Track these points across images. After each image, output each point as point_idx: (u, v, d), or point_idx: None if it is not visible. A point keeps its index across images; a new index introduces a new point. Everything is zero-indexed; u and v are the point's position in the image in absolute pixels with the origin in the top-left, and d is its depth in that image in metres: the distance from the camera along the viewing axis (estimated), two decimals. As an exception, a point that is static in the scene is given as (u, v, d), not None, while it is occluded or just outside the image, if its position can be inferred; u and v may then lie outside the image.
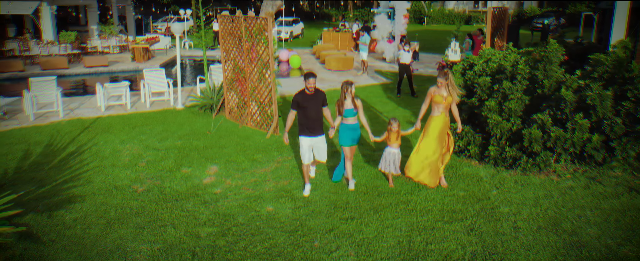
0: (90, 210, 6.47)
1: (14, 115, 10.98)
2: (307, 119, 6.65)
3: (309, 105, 6.63)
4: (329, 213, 6.27)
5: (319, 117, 6.74)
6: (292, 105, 6.73)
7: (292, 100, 6.71)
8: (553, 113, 7.25)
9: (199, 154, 8.50)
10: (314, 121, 6.68)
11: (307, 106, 6.63)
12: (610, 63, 7.17)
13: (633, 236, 5.54)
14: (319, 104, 6.69)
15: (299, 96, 6.65)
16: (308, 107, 6.63)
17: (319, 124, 6.76)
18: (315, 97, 6.66)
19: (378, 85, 15.00)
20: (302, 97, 6.63)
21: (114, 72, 18.42)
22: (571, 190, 6.73)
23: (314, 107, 6.66)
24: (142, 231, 5.89)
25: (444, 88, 6.83)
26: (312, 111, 6.63)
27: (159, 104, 12.11)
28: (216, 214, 6.33)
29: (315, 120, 6.69)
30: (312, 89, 6.62)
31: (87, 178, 7.51)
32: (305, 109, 6.64)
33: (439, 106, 6.90)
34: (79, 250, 5.50)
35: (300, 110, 6.67)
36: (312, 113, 6.63)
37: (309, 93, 6.64)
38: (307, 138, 6.73)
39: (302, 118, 6.70)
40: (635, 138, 6.66)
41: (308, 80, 6.57)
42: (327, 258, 5.27)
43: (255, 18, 9.45)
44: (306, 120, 6.67)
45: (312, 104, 6.65)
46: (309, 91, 6.63)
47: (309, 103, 6.63)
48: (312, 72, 6.70)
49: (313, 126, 6.69)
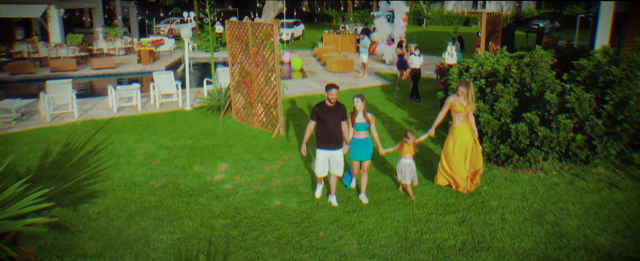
0: (112, 204, 7.01)
1: (31, 116, 11.52)
2: (326, 132, 6.51)
3: (329, 117, 6.47)
4: (332, 207, 6.81)
5: (338, 131, 6.57)
6: (312, 116, 6.59)
7: (312, 111, 6.59)
8: (540, 114, 7.80)
9: (209, 153, 9.04)
10: (332, 134, 6.52)
11: (326, 119, 6.47)
12: (591, 68, 7.72)
13: (609, 226, 6.09)
14: (338, 117, 6.52)
15: (319, 107, 6.53)
16: (327, 120, 6.48)
17: (338, 137, 6.59)
18: (335, 109, 6.49)
19: (378, 86, 15.54)
20: (322, 109, 6.50)
21: (121, 74, 18.96)
22: (556, 186, 7.28)
23: (333, 120, 6.48)
24: (162, 223, 6.43)
25: (464, 97, 6.88)
26: (331, 124, 6.47)
27: (168, 106, 12.66)
28: (228, 207, 6.87)
29: (334, 133, 6.52)
30: (333, 101, 6.45)
31: (106, 175, 8.05)
32: (325, 121, 6.48)
33: (459, 115, 6.96)
34: (105, 240, 6.04)
35: (319, 122, 6.53)
36: (330, 126, 6.48)
37: (329, 105, 6.49)
38: (324, 150, 6.60)
39: (320, 130, 6.56)
40: (615, 137, 7.21)
41: (330, 91, 6.42)
42: (332, 246, 5.81)
43: (262, 24, 9.98)
44: (324, 133, 6.53)
45: (332, 117, 6.48)
46: (330, 103, 6.47)
47: (328, 115, 6.47)
48: (334, 83, 6.55)
49: (331, 139, 6.54)
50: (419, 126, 10.66)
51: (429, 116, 11.43)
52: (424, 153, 8.80)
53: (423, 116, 11.55)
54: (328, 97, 6.45)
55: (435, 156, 8.63)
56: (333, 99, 6.43)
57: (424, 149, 9.00)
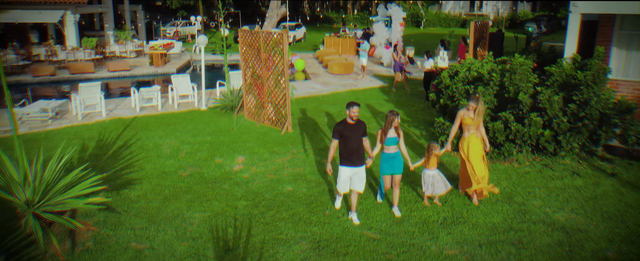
0: (148, 189, 8.24)
1: (63, 115, 12.75)
2: (349, 149, 6.60)
3: (351, 135, 6.56)
4: (336, 191, 8.04)
5: (361, 148, 6.69)
6: (334, 135, 6.66)
7: (334, 130, 6.68)
8: (515, 113, 9.03)
9: (227, 147, 10.28)
10: (355, 152, 6.62)
11: (349, 136, 6.57)
12: (558, 74, 8.95)
13: (566, 206, 7.33)
14: (360, 133, 6.63)
15: (341, 126, 6.61)
16: (350, 138, 6.57)
17: (361, 153, 6.71)
18: (357, 127, 6.60)
19: (376, 88, 16.77)
20: (345, 127, 6.58)
21: (135, 75, 20.19)
22: (527, 174, 8.53)
23: (355, 138, 6.58)
24: (193, 204, 7.66)
25: (473, 111, 7.30)
26: (353, 142, 6.56)
27: (185, 106, 13.89)
28: (248, 192, 8.10)
29: (357, 150, 6.63)
30: (355, 118, 6.57)
31: (140, 166, 9.28)
32: (347, 139, 6.57)
33: (469, 128, 7.39)
34: (147, 217, 7.27)
35: (342, 140, 6.61)
36: (353, 144, 6.57)
37: (351, 123, 6.59)
38: (348, 168, 6.68)
39: (343, 148, 6.64)
40: (577, 132, 8.44)
41: (351, 109, 6.50)
42: (336, 221, 7.04)
43: (273, 33, 11.22)
44: (347, 151, 6.61)
45: (354, 134, 6.58)
46: (352, 121, 6.57)
47: (351, 133, 6.56)
48: (356, 101, 6.66)
49: (355, 156, 6.64)
50: (412, 124, 11.90)
51: (423, 116, 12.66)
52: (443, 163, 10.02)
53: (417, 115, 12.78)
54: (350, 115, 6.54)
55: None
56: (355, 116, 6.52)
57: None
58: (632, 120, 8.44)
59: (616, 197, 7.57)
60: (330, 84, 17.42)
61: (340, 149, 6.73)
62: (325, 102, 14.33)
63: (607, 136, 8.50)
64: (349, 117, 6.60)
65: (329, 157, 6.80)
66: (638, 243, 6.28)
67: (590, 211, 7.17)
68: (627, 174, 8.38)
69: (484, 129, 7.61)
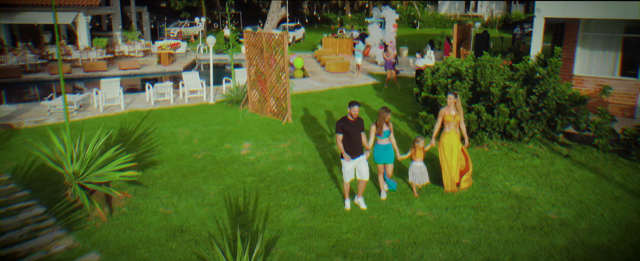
0: (169, 169, 9.61)
1: (85, 108, 14.11)
2: (351, 142, 7.42)
3: (353, 130, 7.41)
4: (330, 170, 9.42)
5: (360, 141, 7.57)
6: (338, 130, 7.45)
7: (337, 126, 7.48)
8: (486, 104, 10.41)
9: (235, 135, 11.65)
10: (356, 145, 7.45)
11: (351, 131, 7.40)
12: (522, 69, 10.33)
13: (523, 180, 8.71)
14: (360, 129, 7.50)
15: (343, 122, 7.43)
16: (352, 132, 7.41)
17: (361, 146, 7.58)
18: (357, 123, 7.47)
19: (370, 84, 18.14)
20: (347, 123, 7.41)
21: (145, 73, 21.56)
22: (494, 156, 9.91)
23: (356, 132, 7.45)
24: (208, 180, 9.03)
25: (453, 107, 8.10)
26: (354, 136, 7.44)
27: (195, 100, 15.25)
28: (254, 170, 9.48)
29: (358, 143, 7.51)
30: (355, 116, 7.39)
31: (159, 150, 10.65)
32: (350, 134, 7.40)
33: (450, 124, 8.13)
34: (170, 190, 8.65)
35: (345, 135, 7.43)
36: (355, 138, 7.44)
37: (351, 120, 7.42)
38: (352, 160, 7.50)
39: (346, 142, 7.44)
40: (537, 120, 9.82)
41: (353, 108, 7.35)
42: (329, 192, 8.42)
43: (274, 34, 12.59)
44: (350, 144, 7.43)
45: (355, 129, 7.44)
46: (352, 118, 7.40)
47: (352, 128, 7.41)
48: (357, 101, 7.53)
49: (356, 149, 7.46)
50: (402, 117, 13.28)
51: (410, 109, 14.02)
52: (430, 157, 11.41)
53: (405, 108, 14.15)
54: (350, 113, 7.38)
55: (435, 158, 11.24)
56: (355, 114, 7.36)
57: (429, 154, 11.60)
58: (585, 109, 9.83)
59: (566, 173, 8.96)
60: (327, 81, 18.79)
61: (343, 142, 7.50)
62: (322, 98, 15.70)
63: (563, 123, 9.88)
64: (350, 114, 7.39)
65: (340, 150, 7.53)
66: (575, 207, 7.66)
67: (542, 184, 8.56)
68: (580, 156, 9.77)
69: (464, 126, 8.39)
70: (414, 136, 10.52)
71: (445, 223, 7.30)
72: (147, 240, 7.05)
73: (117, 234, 7.22)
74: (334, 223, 7.37)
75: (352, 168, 7.53)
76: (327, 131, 11.95)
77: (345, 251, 6.59)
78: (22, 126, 12.37)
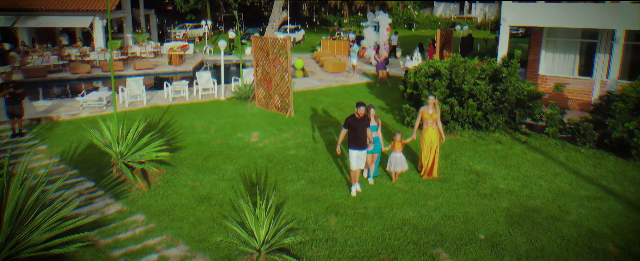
0: (191, 153, 11.50)
1: (110, 103, 16.00)
2: (356, 137, 8.69)
3: (358, 126, 8.67)
4: (327, 153, 11.32)
5: (365, 136, 8.77)
6: (345, 125, 8.77)
7: (345, 121, 8.79)
8: (459, 98, 12.30)
9: (245, 126, 13.54)
10: (361, 139, 8.72)
11: (356, 127, 8.66)
12: (489, 69, 12.23)
13: (484, 160, 10.61)
14: (365, 126, 8.74)
15: (351, 119, 8.74)
16: (357, 128, 8.66)
17: (365, 140, 8.80)
18: (362, 121, 8.71)
19: (363, 83, 20.04)
20: (353, 120, 8.71)
21: (159, 73, 23.45)
22: (464, 142, 11.81)
23: (361, 128, 8.70)
24: (226, 161, 10.93)
25: (432, 106, 9.44)
26: (360, 131, 8.69)
27: (207, 97, 17.15)
28: (263, 154, 11.37)
29: (362, 138, 8.72)
30: (361, 114, 8.66)
31: (181, 138, 12.54)
32: (355, 129, 8.66)
33: (427, 121, 9.46)
34: (195, 168, 10.53)
35: (351, 130, 8.68)
36: (360, 133, 8.69)
37: (358, 117, 8.71)
38: (355, 150, 8.75)
39: (352, 136, 8.72)
40: (499, 112, 11.73)
41: (359, 108, 8.63)
42: (325, 170, 10.31)
43: (279, 39, 14.47)
44: (355, 137, 8.71)
45: (360, 126, 8.69)
46: (359, 115, 8.69)
47: (358, 125, 8.67)
48: (363, 102, 8.74)
49: (361, 141, 8.71)
50: (390, 111, 15.18)
51: (398, 104, 15.90)
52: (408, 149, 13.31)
53: (394, 104, 16.04)
54: (357, 112, 8.63)
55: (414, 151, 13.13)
56: (361, 113, 8.63)
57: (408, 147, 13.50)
58: (539, 103, 11.73)
59: (521, 156, 10.87)
60: (325, 80, 20.69)
61: (349, 136, 8.74)
62: (320, 95, 17.60)
63: (521, 115, 11.79)
64: (357, 113, 8.70)
65: (338, 141, 9.01)
66: (522, 180, 9.57)
67: (499, 163, 10.46)
68: (535, 142, 11.67)
69: (441, 124, 9.69)
70: (399, 129, 12.37)
71: (416, 192, 9.20)
72: (180, 204, 8.94)
73: (156, 201, 9.12)
74: (328, 192, 9.28)
75: (357, 157, 8.75)
76: (324, 123, 13.84)
77: (337, 211, 8.49)
78: (60, 118, 14.26)
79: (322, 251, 7.24)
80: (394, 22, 55.41)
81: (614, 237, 7.46)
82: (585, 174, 9.80)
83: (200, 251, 7.40)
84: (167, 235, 7.90)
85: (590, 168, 10.10)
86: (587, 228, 7.72)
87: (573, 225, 7.83)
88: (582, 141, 11.02)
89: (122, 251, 7.46)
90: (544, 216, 8.16)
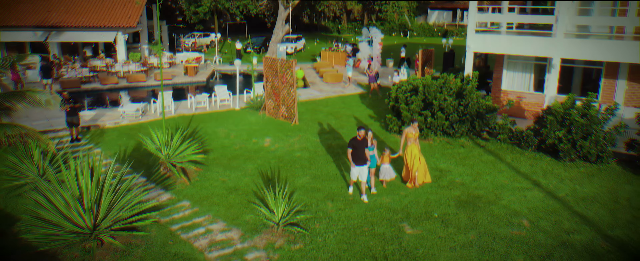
0: (217, 155, 14.50)
1: (145, 113, 19.00)
2: (357, 155, 10.95)
3: (359, 146, 10.93)
4: (326, 155, 14.32)
5: (363, 154, 11.01)
6: (349, 145, 11.07)
7: (349, 142, 11.08)
8: (431, 110, 15.30)
9: (258, 133, 16.53)
10: (361, 156, 10.96)
11: (357, 147, 10.90)
12: (454, 87, 15.22)
13: (448, 161, 13.63)
14: (364, 146, 11.00)
15: (354, 141, 11.01)
16: (358, 148, 10.89)
17: (363, 158, 11.01)
18: (362, 141, 10.97)
19: (358, 94, 23.07)
20: (356, 141, 10.97)
21: (177, 83, 26.44)
22: (435, 146, 14.82)
23: (361, 148, 10.94)
24: (246, 161, 13.94)
25: (414, 129, 11.98)
26: (360, 150, 10.95)
27: (224, 107, 20.15)
28: (275, 156, 14.37)
29: (361, 156, 10.96)
30: (362, 136, 10.89)
31: (208, 142, 15.53)
32: (356, 148, 10.90)
33: (410, 140, 11.95)
34: (222, 167, 13.54)
35: (354, 149, 10.95)
36: (360, 152, 10.96)
37: (359, 139, 10.93)
38: (357, 167, 11.06)
39: (354, 154, 10.96)
40: (462, 122, 14.75)
41: (360, 131, 10.92)
42: (325, 169, 13.31)
43: (286, 61, 17.48)
44: (356, 156, 10.96)
45: (360, 146, 10.95)
46: (360, 138, 10.92)
47: (359, 145, 10.93)
48: (363, 125, 11.93)
49: (361, 159, 10.98)
50: (375, 117, 18.19)
51: (384, 113, 18.91)
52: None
53: (381, 113, 19.04)
54: (358, 134, 10.94)
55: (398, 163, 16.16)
56: (361, 135, 10.93)
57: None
58: (495, 115, 14.75)
59: (477, 157, 13.89)
60: (324, 91, 23.70)
61: (352, 154, 11.04)
62: (320, 105, 20.62)
63: (480, 124, 14.79)
64: (358, 135, 10.99)
65: (349, 159, 11.16)
66: (473, 176, 12.58)
67: (459, 163, 13.48)
68: (491, 147, 14.69)
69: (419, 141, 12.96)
70: (384, 134, 15.35)
71: (394, 185, 12.21)
72: (215, 194, 11.94)
73: (196, 191, 12.12)
74: (326, 185, 12.28)
75: (357, 171, 11.13)
76: (324, 130, 16.85)
77: (333, 198, 11.49)
78: (106, 126, 17.28)
79: (322, 225, 10.25)
80: (389, 30, 58.52)
81: (529, 215, 10.49)
82: (523, 172, 12.83)
83: (234, 226, 10.40)
84: (208, 215, 10.90)
85: (527, 167, 13.13)
86: (512, 210, 10.75)
87: (502, 208, 10.86)
88: (526, 145, 14.05)
89: (178, 226, 10.47)
90: (484, 201, 11.19)
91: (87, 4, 30.03)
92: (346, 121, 17.98)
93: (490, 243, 9.43)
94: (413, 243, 9.51)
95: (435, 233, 9.85)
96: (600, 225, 10.05)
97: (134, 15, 29.19)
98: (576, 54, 14.88)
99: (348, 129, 16.86)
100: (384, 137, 15.92)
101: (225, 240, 9.85)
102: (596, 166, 13.03)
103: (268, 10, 49.65)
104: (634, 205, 10.89)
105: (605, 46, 14.38)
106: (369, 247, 9.39)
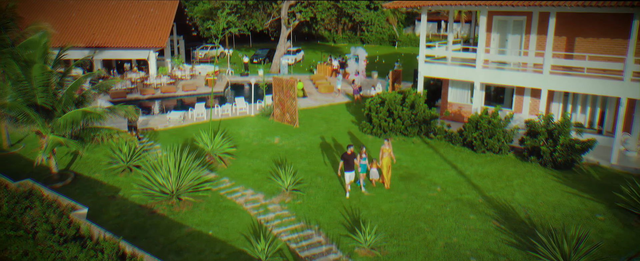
0: (241, 150, 20.83)
1: (185, 119, 25.30)
2: (348, 164, 15.51)
3: (349, 159, 15.52)
4: (318, 149, 20.67)
5: (353, 164, 15.62)
6: (342, 158, 15.59)
7: (342, 156, 15.64)
8: (393, 118, 21.65)
9: (269, 133, 22.86)
10: (350, 165, 15.52)
11: (348, 159, 15.48)
12: (409, 99, 21.53)
13: (402, 152, 19.99)
14: (352, 158, 15.58)
15: (345, 154, 15.55)
16: (348, 160, 15.48)
17: (353, 166, 15.64)
18: (351, 155, 15.55)
19: (344, 103, 29.43)
20: (346, 155, 15.52)
21: (201, 93, 32.77)
22: (394, 143, 21.18)
23: (350, 160, 15.53)
24: (263, 153, 20.29)
25: (388, 144, 16.92)
26: (350, 161, 15.54)
27: (242, 114, 26.50)
28: (283, 150, 20.71)
29: (351, 165, 15.53)
30: (351, 152, 15.59)
31: (235, 140, 21.86)
32: (347, 160, 15.47)
33: (384, 153, 16.49)
34: (246, 156, 19.89)
35: (345, 160, 15.46)
36: (350, 163, 15.55)
37: (348, 154, 15.56)
38: (348, 173, 15.59)
39: (346, 164, 15.49)
40: (413, 126, 21.12)
41: (349, 148, 15.65)
42: (318, 158, 19.68)
43: (290, 79, 23.82)
44: (347, 164, 15.52)
45: (350, 158, 15.54)
46: (349, 153, 15.54)
47: (349, 158, 15.50)
48: (351, 144, 15.89)
49: (350, 167, 15.52)
50: (355, 122, 24.59)
51: (362, 119, 25.25)
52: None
53: (361, 119, 25.38)
54: (348, 150, 15.66)
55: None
56: (350, 151, 15.64)
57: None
58: (436, 121, 21.13)
59: (422, 150, 20.24)
60: (319, 100, 30.07)
61: (343, 164, 15.70)
62: (315, 112, 26.98)
63: (426, 128, 21.15)
64: (348, 150, 15.83)
65: (339, 168, 16.13)
66: (414, 162, 18.95)
67: (408, 154, 19.83)
68: (433, 143, 21.05)
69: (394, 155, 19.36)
70: (360, 135, 21.72)
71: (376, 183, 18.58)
72: (244, 173, 18.27)
73: (232, 172, 18.45)
74: (321, 167, 18.61)
75: (348, 177, 15.78)
76: (317, 131, 23.17)
77: (322, 175, 17.82)
78: (158, 128, 23.62)
79: (314, 190, 16.59)
80: (380, 40, 64.88)
81: (442, 185, 16.86)
82: (448, 159, 19.21)
83: (259, 191, 16.74)
84: (242, 186, 17.25)
85: (452, 156, 19.52)
86: (433, 181, 17.13)
87: (427, 180, 17.24)
88: (455, 142, 20.43)
89: (224, 192, 16.81)
90: (417, 177, 17.57)
91: (124, 27, 36.37)
92: (334, 124, 24.36)
93: (413, 199, 15.83)
94: (368, 199, 15.90)
95: (382, 195, 16.26)
96: (483, 190, 16.45)
97: (164, 37, 35.51)
98: (491, 79, 21.23)
99: (335, 131, 23.22)
100: (360, 136, 22.30)
101: (255, 199, 16.22)
102: (498, 155, 19.44)
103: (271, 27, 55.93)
104: (510, 179, 17.28)
105: (514, 75, 20.73)
106: (341, 202, 15.77)
